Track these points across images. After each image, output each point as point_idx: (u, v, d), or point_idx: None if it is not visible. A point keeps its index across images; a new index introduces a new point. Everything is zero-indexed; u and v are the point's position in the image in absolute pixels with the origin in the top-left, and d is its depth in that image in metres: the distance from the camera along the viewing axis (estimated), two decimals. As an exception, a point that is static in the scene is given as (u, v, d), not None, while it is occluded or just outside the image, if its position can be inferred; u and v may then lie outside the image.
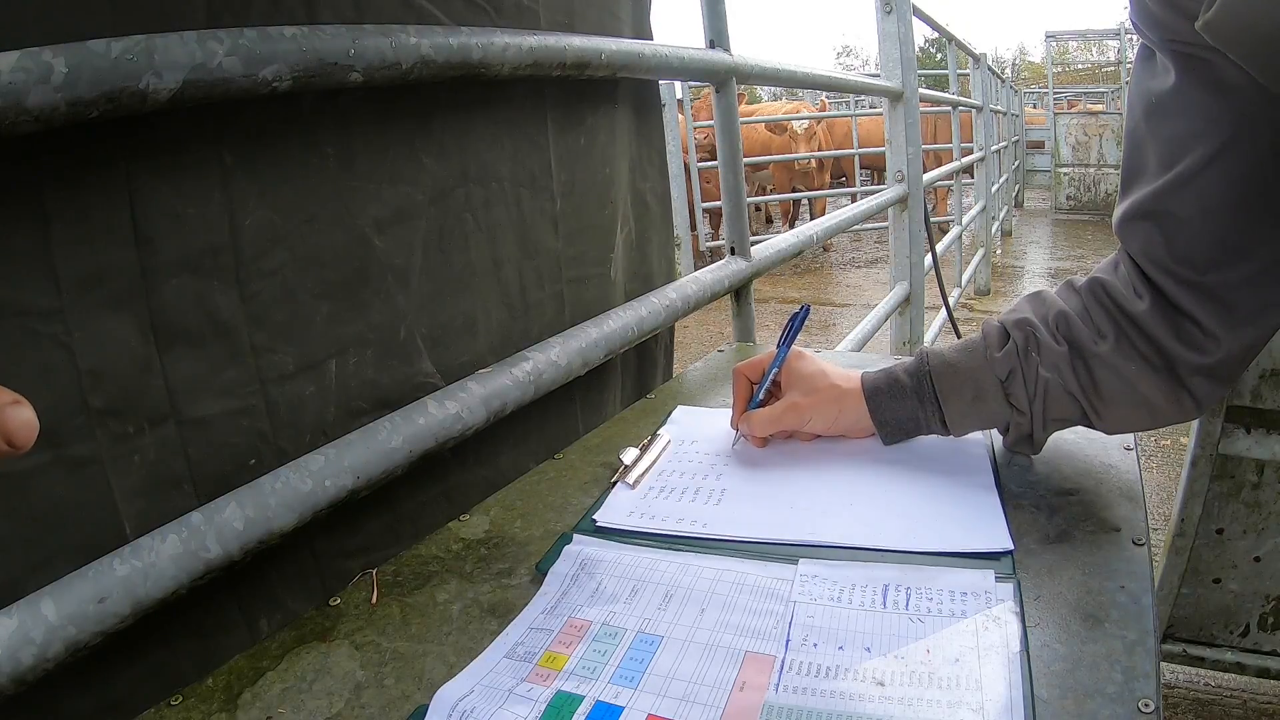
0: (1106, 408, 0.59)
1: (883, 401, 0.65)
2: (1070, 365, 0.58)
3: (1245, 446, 1.35)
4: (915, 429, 0.66)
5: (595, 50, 0.82)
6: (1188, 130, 0.52)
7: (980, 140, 5.07)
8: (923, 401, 0.64)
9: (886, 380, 0.66)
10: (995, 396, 0.61)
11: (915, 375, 0.64)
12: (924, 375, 0.64)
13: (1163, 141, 0.54)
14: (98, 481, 0.50)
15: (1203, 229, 0.53)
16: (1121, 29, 9.14)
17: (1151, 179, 0.55)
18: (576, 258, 0.90)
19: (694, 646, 0.47)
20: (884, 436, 0.67)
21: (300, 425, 0.62)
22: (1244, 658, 1.45)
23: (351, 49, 0.58)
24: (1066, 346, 0.58)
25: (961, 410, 0.62)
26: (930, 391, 0.63)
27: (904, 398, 0.65)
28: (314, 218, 0.61)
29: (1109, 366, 0.57)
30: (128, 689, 0.52)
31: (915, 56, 2.18)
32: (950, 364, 0.63)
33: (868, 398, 0.66)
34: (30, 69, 0.42)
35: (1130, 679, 0.41)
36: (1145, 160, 0.56)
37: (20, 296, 0.46)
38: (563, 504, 0.67)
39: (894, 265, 2.31)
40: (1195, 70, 0.51)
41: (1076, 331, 0.59)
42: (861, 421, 0.66)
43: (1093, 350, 0.58)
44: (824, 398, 0.67)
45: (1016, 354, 0.59)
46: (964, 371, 0.62)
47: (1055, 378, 0.59)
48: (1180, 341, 0.55)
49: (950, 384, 0.62)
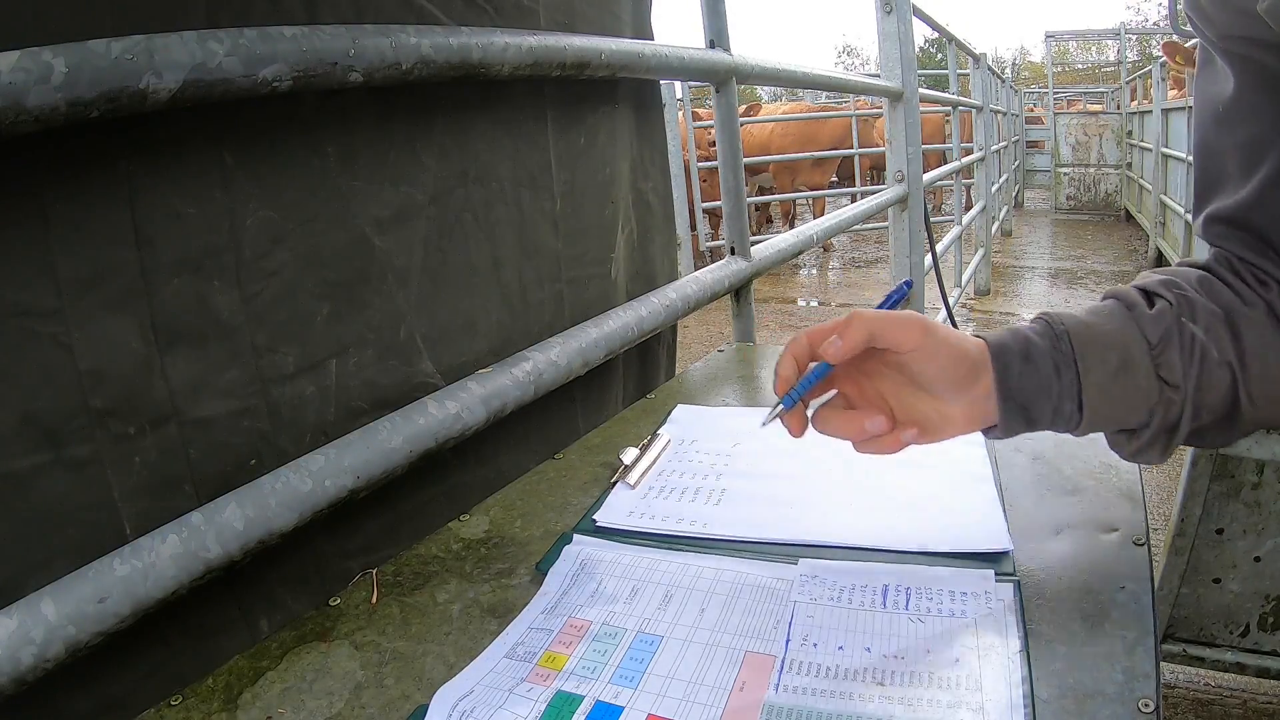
0: (1258, 383, 0.49)
1: (1012, 364, 0.48)
2: (1227, 328, 0.49)
3: (1245, 446, 1.34)
4: (1041, 411, 0.49)
5: (595, 50, 0.82)
6: (1261, 135, 0.51)
7: (980, 140, 5.07)
8: (1059, 369, 0.48)
9: (1015, 339, 0.49)
10: (1144, 367, 0.48)
11: (1048, 337, 0.49)
12: (1059, 336, 0.49)
13: (1238, 148, 0.53)
14: (98, 482, 0.50)
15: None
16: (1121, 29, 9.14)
17: (1234, 188, 0.54)
18: (577, 258, 0.90)
19: (694, 646, 0.47)
20: (1003, 421, 0.49)
21: (301, 425, 0.62)
22: (1244, 658, 1.45)
23: (351, 49, 0.58)
24: (1220, 309, 0.50)
25: (1103, 384, 0.48)
26: (1069, 357, 0.48)
27: (1037, 362, 0.48)
28: (314, 218, 0.61)
29: (1262, 334, 0.49)
30: (128, 689, 0.52)
31: (915, 56, 2.18)
32: (1089, 325, 0.49)
33: (994, 355, 0.48)
34: (30, 69, 0.42)
35: (1130, 679, 0.42)
36: (1223, 167, 0.54)
37: (20, 296, 0.46)
38: (563, 504, 0.67)
39: (894, 265, 2.31)
40: (1253, 75, 0.50)
41: (1224, 295, 0.50)
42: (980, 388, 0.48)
43: (1246, 314, 0.50)
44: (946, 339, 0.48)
45: (1170, 312, 0.49)
46: (1106, 334, 0.49)
47: (1211, 344, 0.48)
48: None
49: (1093, 348, 0.48)
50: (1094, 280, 5.31)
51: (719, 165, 1.20)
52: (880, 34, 2.12)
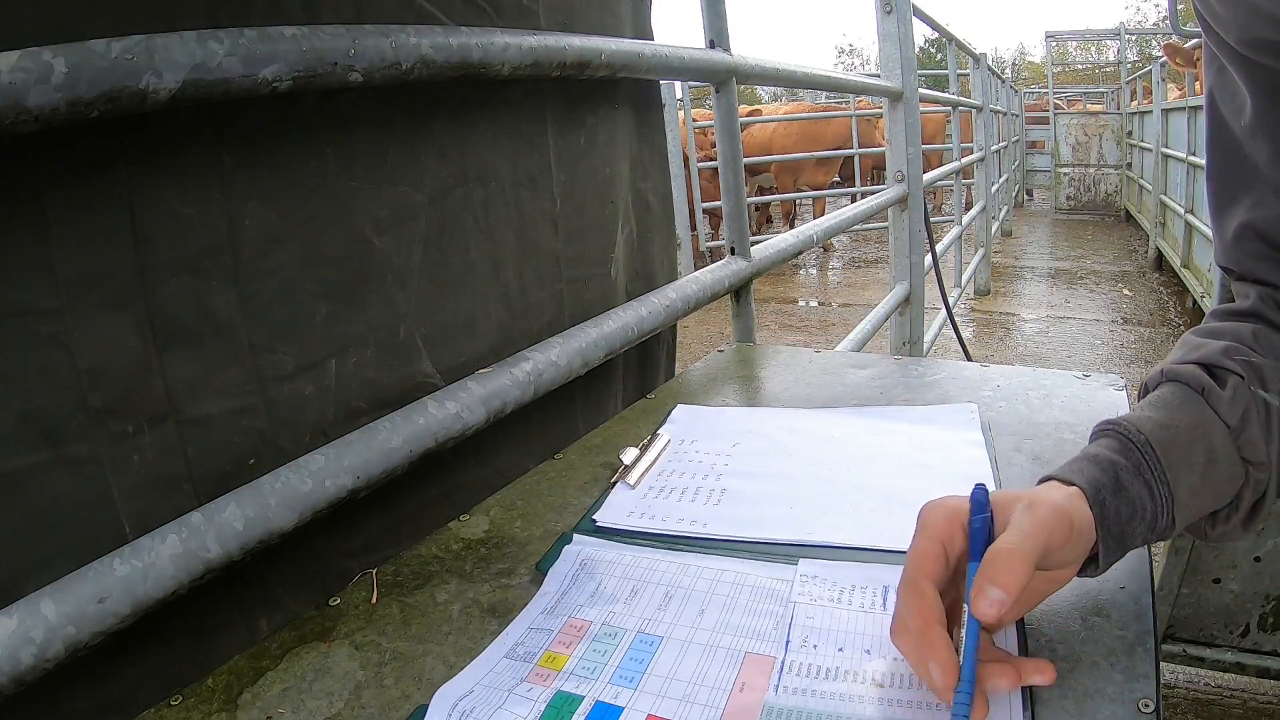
0: None
1: (1107, 501, 0.43)
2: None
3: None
4: (1134, 536, 0.45)
5: (595, 50, 0.82)
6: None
7: (980, 140, 5.07)
8: (1151, 490, 0.44)
9: (1100, 470, 0.44)
10: (1228, 455, 0.45)
11: (1127, 452, 0.45)
12: (1142, 447, 0.45)
13: (1266, 164, 0.51)
14: (97, 481, 0.50)
15: None
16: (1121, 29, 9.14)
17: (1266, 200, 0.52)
18: (576, 258, 0.90)
19: (694, 647, 0.47)
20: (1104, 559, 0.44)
21: (300, 425, 0.62)
22: (1244, 658, 1.45)
23: (351, 49, 0.58)
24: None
25: (1194, 486, 0.45)
26: (1158, 472, 0.44)
27: (1129, 486, 0.44)
28: (314, 217, 0.61)
29: None
30: (128, 689, 0.52)
31: (915, 56, 2.18)
32: (1167, 427, 0.46)
33: (1092, 501, 0.43)
34: (30, 69, 0.42)
35: (1130, 679, 0.41)
36: (1248, 179, 0.53)
37: (20, 296, 0.46)
38: (563, 504, 0.67)
39: (894, 265, 2.31)
40: (1270, 88, 0.49)
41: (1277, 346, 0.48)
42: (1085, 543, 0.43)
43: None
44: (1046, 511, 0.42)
45: (1247, 388, 0.46)
46: (1186, 430, 0.45)
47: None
48: None
49: (1177, 453, 0.45)
50: (1094, 280, 5.31)
51: (719, 165, 1.20)
52: (880, 34, 2.12)
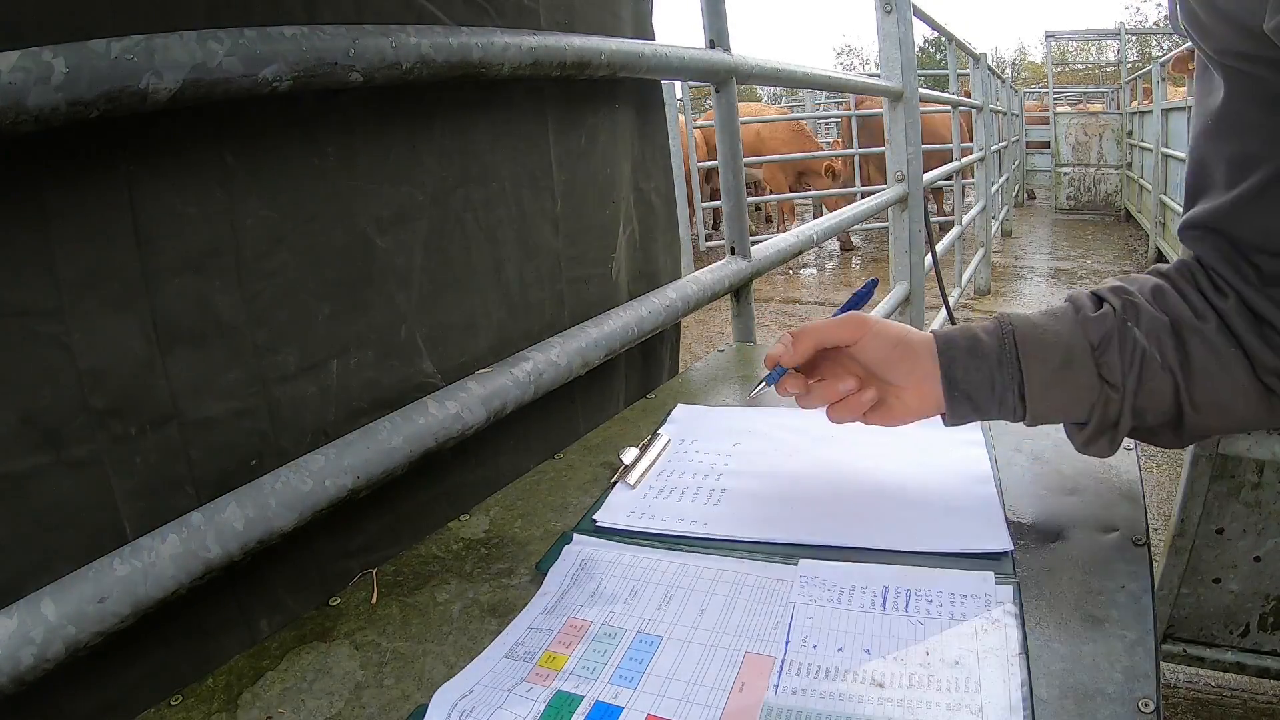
0: (1202, 391, 0.53)
1: (958, 357, 0.55)
2: (1171, 337, 0.53)
3: (1245, 446, 1.35)
4: (986, 401, 0.55)
5: (595, 50, 0.82)
6: (1247, 151, 0.51)
7: (980, 140, 5.07)
8: (1002, 365, 0.54)
9: (963, 335, 0.56)
10: (1085, 365, 0.53)
11: (995, 334, 0.55)
12: (1005, 334, 0.55)
13: (1225, 160, 0.53)
14: (98, 482, 0.50)
15: (1261, 247, 0.52)
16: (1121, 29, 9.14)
17: (1215, 196, 0.54)
18: (577, 257, 0.90)
19: (693, 647, 0.47)
20: (951, 406, 0.56)
21: (301, 425, 0.62)
22: (1244, 658, 1.45)
23: (351, 49, 0.58)
24: (1167, 318, 0.53)
25: (1044, 379, 0.53)
26: (1012, 354, 0.54)
27: (981, 356, 0.55)
28: (315, 218, 0.61)
29: (1209, 345, 0.52)
30: (128, 689, 0.52)
31: (915, 56, 2.18)
32: (1035, 324, 0.54)
33: (941, 350, 0.55)
34: (30, 69, 0.42)
35: (1130, 679, 0.42)
36: (1212, 176, 0.55)
37: (20, 296, 0.46)
38: (563, 504, 0.67)
39: (894, 265, 2.31)
40: (1247, 89, 0.50)
41: (1174, 305, 0.54)
42: (923, 370, 0.56)
43: (1194, 325, 0.53)
44: (887, 324, 0.57)
45: (1114, 317, 0.53)
46: (1052, 334, 0.54)
47: (1153, 350, 0.52)
48: (1262, 341, 0.52)
49: (1035, 347, 0.53)
50: (1094, 280, 5.31)
51: (719, 165, 1.20)
52: (880, 34, 2.12)
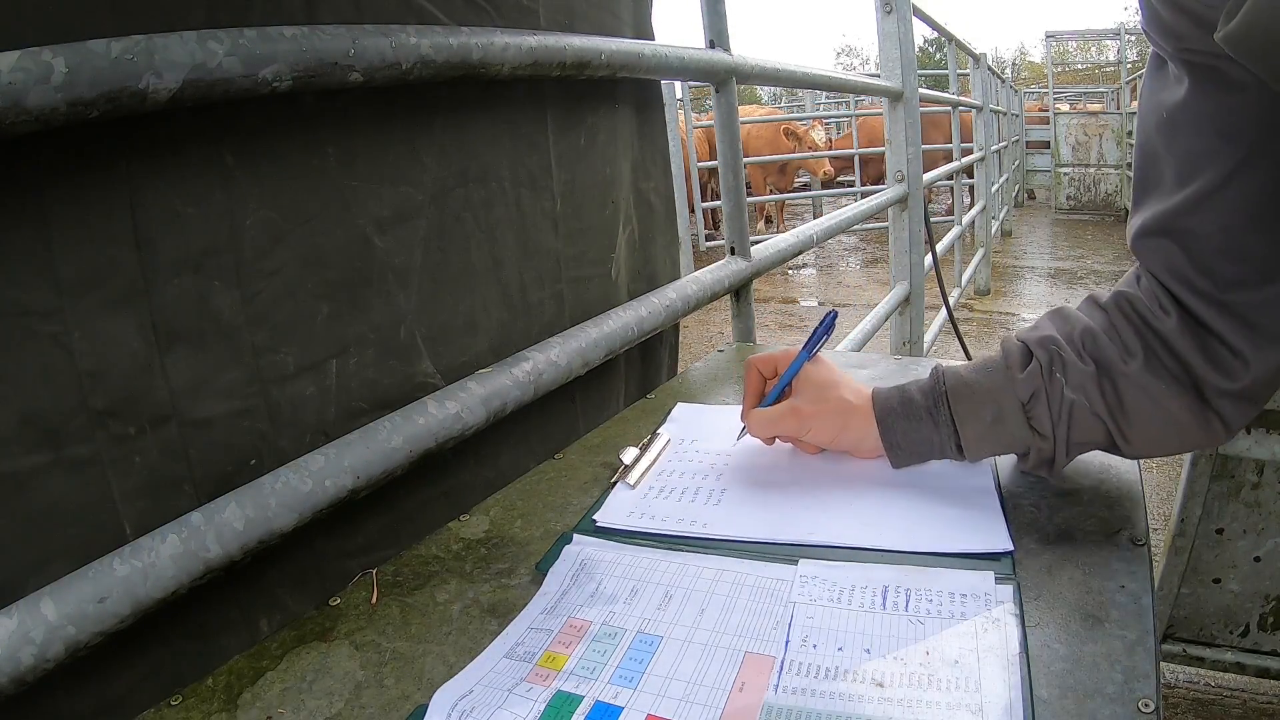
0: (1134, 430, 0.55)
1: (895, 423, 0.61)
2: (1097, 385, 0.55)
3: (1245, 446, 1.35)
4: (928, 453, 0.62)
5: (595, 50, 0.82)
6: (1202, 147, 0.50)
7: (980, 140, 5.07)
8: (938, 425, 0.60)
9: (900, 399, 0.61)
10: (1016, 419, 0.57)
11: (930, 395, 0.60)
12: (940, 395, 0.60)
13: (1177, 157, 0.52)
14: (98, 482, 0.50)
15: (1223, 246, 0.51)
16: (1121, 29, 9.15)
17: (1167, 195, 0.53)
18: (577, 258, 0.90)
19: (693, 647, 0.47)
20: (895, 461, 0.63)
21: (301, 425, 0.62)
22: (1244, 658, 1.45)
23: (351, 49, 0.58)
24: (1094, 366, 0.55)
25: (979, 434, 0.58)
26: (946, 413, 0.59)
27: (918, 420, 0.60)
28: (314, 218, 0.61)
29: (1138, 386, 0.54)
30: (128, 689, 0.52)
31: (915, 56, 2.18)
32: (968, 384, 0.59)
33: (879, 418, 0.62)
34: (30, 69, 0.42)
35: (1130, 679, 0.42)
36: (1160, 174, 0.54)
37: (20, 296, 0.46)
38: (563, 504, 0.67)
39: (894, 265, 2.31)
40: (1208, 83, 0.49)
41: (1104, 349, 0.56)
42: (867, 441, 0.63)
43: (1121, 369, 0.55)
44: (829, 409, 0.63)
45: (1041, 374, 0.56)
46: (982, 392, 0.58)
47: (1081, 399, 0.55)
48: (1209, 363, 0.52)
49: (968, 406, 0.58)
50: (1094, 280, 5.31)
51: (719, 165, 1.20)
52: (880, 34, 2.13)
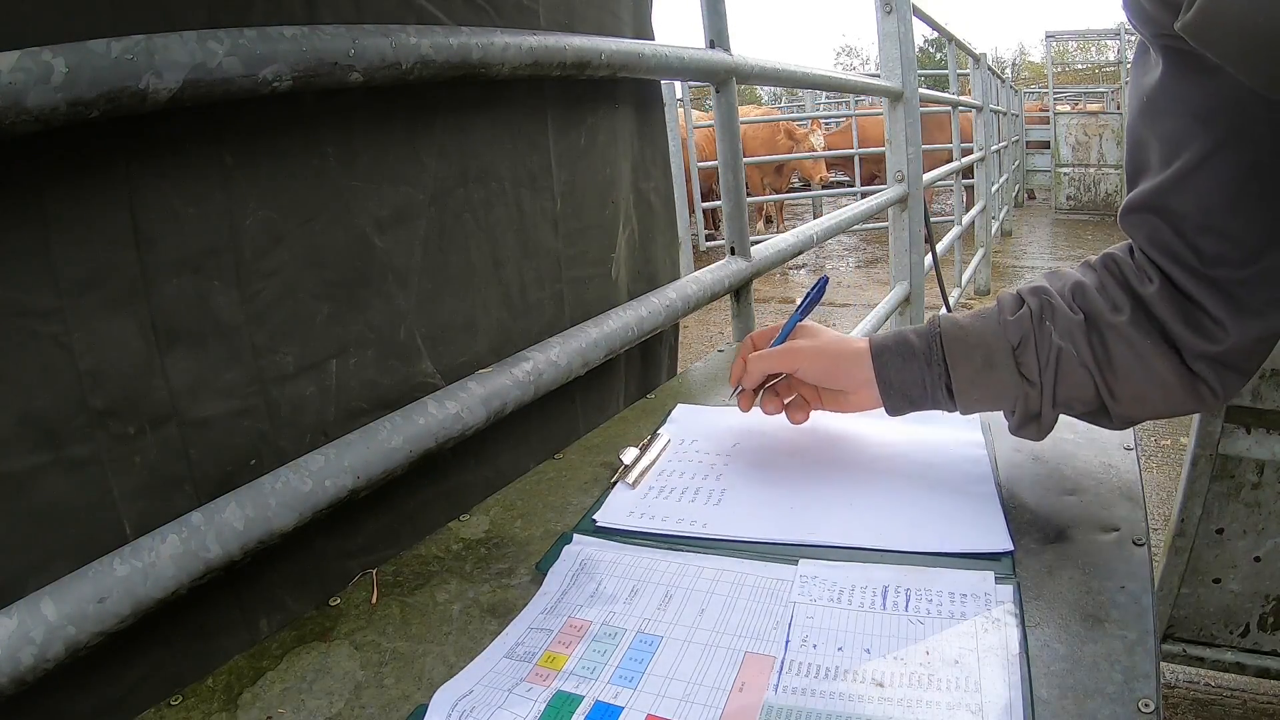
0: (1120, 385, 0.56)
1: (889, 360, 0.61)
2: (1085, 335, 0.56)
3: (1245, 446, 1.35)
4: (920, 397, 0.61)
5: (595, 50, 0.82)
6: (1181, 128, 0.52)
7: (980, 140, 5.07)
8: (930, 365, 0.60)
9: (895, 340, 0.62)
10: (1005, 364, 0.57)
11: (925, 337, 0.61)
12: (934, 337, 0.60)
13: (1160, 139, 0.54)
14: (98, 482, 0.50)
15: (1203, 225, 0.52)
16: (1121, 29, 9.14)
17: (1153, 175, 0.54)
18: (577, 257, 0.90)
19: (693, 647, 0.47)
20: (888, 402, 0.62)
21: (301, 425, 0.62)
22: (1244, 658, 1.45)
23: (351, 49, 0.58)
24: (1082, 316, 0.56)
25: (969, 377, 0.58)
26: (939, 354, 0.60)
27: (912, 359, 0.61)
28: (314, 218, 0.61)
29: (1124, 339, 0.55)
30: (128, 689, 0.52)
31: (915, 56, 2.18)
32: (961, 327, 0.59)
33: (874, 354, 0.62)
34: (30, 69, 0.42)
35: (1130, 679, 0.42)
36: (1147, 157, 0.55)
37: (20, 296, 0.46)
38: (563, 504, 0.67)
39: (894, 265, 2.31)
40: (1184, 66, 0.50)
41: (1092, 302, 0.56)
42: (860, 377, 0.63)
43: (1109, 320, 0.55)
44: (824, 343, 0.65)
45: (1030, 320, 0.57)
46: (974, 335, 0.58)
47: (1069, 347, 0.56)
48: (1189, 328, 0.53)
49: (959, 348, 0.59)
50: (1094, 280, 5.30)
51: (719, 165, 1.20)
52: (880, 34, 2.13)
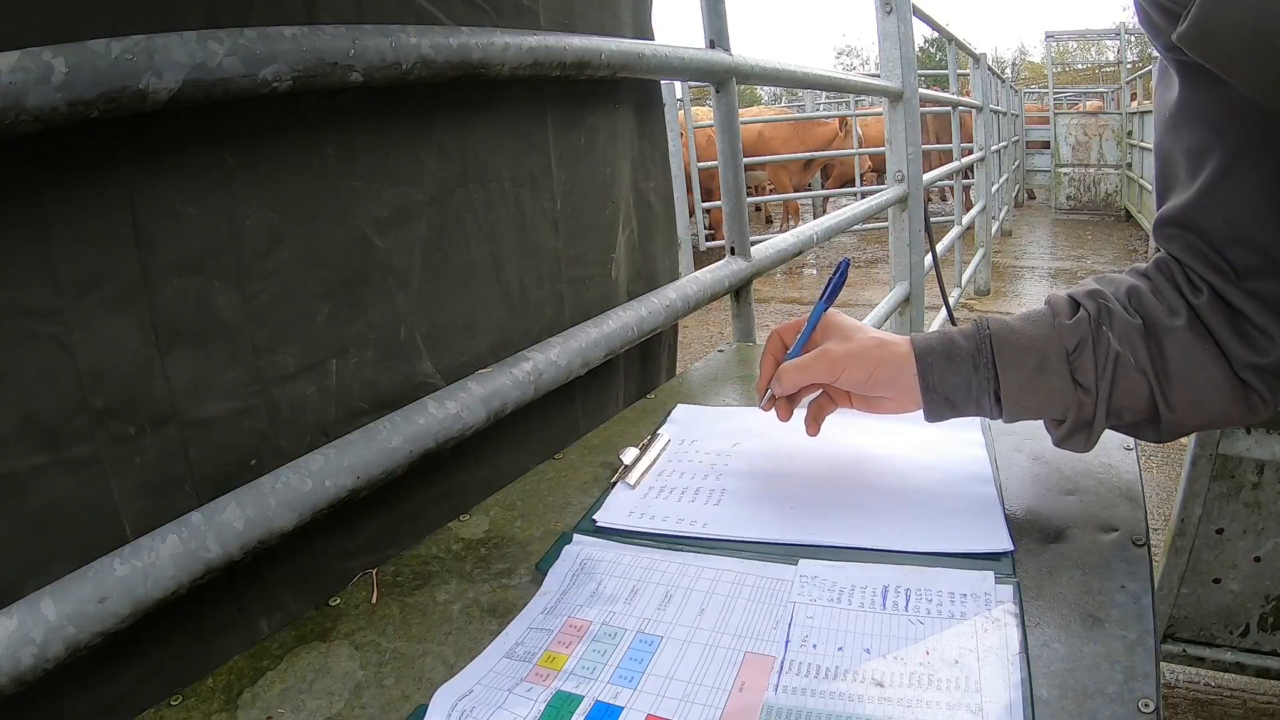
0: (1175, 391, 0.53)
1: (935, 363, 0.57)
2: (1143, 340, 0.53)
3: (1245, 446, 1.35)
4: (964, 402, 0.57)
5: (595, 50, 0.82)
6: (1202, 141, 0.52)
7: (980, 140, 5.07)
8: (978, 369, 0.56)
9: (941, 340, 0.58)
10: (1059, 370, 0.54)
11: (972, 339, 0.57)
12: (983, 339, 0.56)
13: (1184, 154, 0.54)
14: (98, 482, 0.50)
15: (1232, 237, 0.51)
16: (1121, 29, 9.14)
17: (1182, 191, 0.54)
18: (577, 257, 0.90)
19: (693, 647, 0.47)
20: (928, 408, 0.58)
21: (301, 425, 0.62)
22: (1244, 658, 1.45)
23: (351, 49, 0.58)
24: (1140, 320, 0.54)
25: (1019, 383, 0.55)
26: (989, 357, 0.55)
27: (958, 362, 0.56)
28: (314, 218, 0.61)
29: (1182, 344, 0.53)
30: (128, 689, 0.52)
31: (915, 56, 2.18)
32: (1013, 330, 0.56)
33: (919, 355, 0.57)
34: (30, 69, 0.42)
35: (1130, 679, 0.42)
36: (1176, 172, 0.55)
37: (20, 296, 0.46)
38: (563, 504, 0.67)
39: (894, 265, 2.31)
40: (1197, 79, 0.50)
41: (1149, 306, 0.54)
42: (902, 383, 0.58)
43: (1166, 325, 0.53)
44: (863, 347, 0.59)
45: (1088, 323, 0.54)
46: (1027, 339, 0.55)
47: (1127, 353, 0.53)
48: (1237, 337, 0.52)
49: (1011, 352, 0.55)
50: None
51: (719, 165, 1.20)
52: (880, 34, 2.13)
